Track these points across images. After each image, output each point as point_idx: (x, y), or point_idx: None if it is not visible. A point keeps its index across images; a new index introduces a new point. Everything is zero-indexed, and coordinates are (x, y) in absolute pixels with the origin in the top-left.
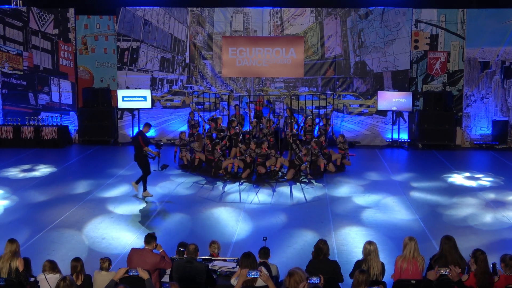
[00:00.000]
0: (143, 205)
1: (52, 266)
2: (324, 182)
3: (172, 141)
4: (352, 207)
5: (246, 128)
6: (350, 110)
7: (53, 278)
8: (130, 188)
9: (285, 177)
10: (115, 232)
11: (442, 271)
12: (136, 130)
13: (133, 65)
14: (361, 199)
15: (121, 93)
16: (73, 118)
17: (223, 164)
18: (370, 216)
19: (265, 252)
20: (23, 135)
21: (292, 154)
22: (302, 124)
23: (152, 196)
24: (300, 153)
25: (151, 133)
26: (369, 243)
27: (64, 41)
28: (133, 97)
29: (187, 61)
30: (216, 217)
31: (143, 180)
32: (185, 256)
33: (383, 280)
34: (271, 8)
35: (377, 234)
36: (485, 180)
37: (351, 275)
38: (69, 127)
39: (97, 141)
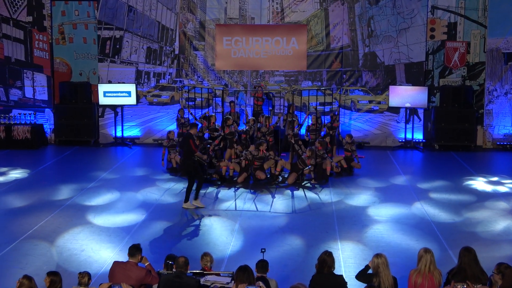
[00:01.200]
0: (127, 214)
1: (29, 284)
2: (330, 187)
3: (159, 141)
4: (360, 215)
5: (242, 127)
6: (358, 107)
7: None
8: (112, 194)
9: (286, 182)
10: (96, 243)
11: (459, 286)
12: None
13: (116, 56)
14: (370, 207)
15: (102, 88)
16: (48, 116)
17: (217, 167)
18: (381, 225)
19: (263, 265)
20: None
21: (294, 156)
22: (308, 123)
23: (194, 207)
24: (304, 155)
25: (135, 132)
26: (378, 256)
27: (38, 29)
28: (116, 93)
29: (177, 52)
30: (209, 226)
31: (187, 190)
32: (174, 270)
33: None
34: None
35: (389, 245)
36: (510, 185)
37: (358, 276)
38: (44, 126)
39: (75, 142)
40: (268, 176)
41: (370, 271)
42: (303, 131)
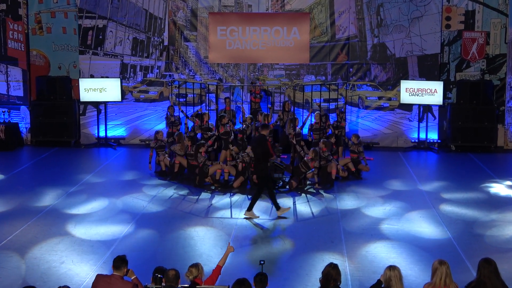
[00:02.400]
0: (111, 222)
1: None
2: (335, 192)
3: (146, 142)
4: (369, 223)
5: (239, 126)
6: (367, 103)
7: None
8: (95, 200)
9: (287, 187)
10: (77, 254)
11: None
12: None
13: (99, 48)
14: (381, 214)
15: (84, 83)
16: (24, 113)
17: (210, 170)
18: (391, 234)
19: (261, 279)
20: None
21: (296, 158)
22: (311, 122)
23: (258, 217)
24: (306, 157)
25: (120, 132)
26: (391, 268)
27: (13, 18)
28: (98, 88)
29: (166, 43)
30: (202, 236)
31: (254, 198)
32: (163, 284)
33: None
34: None
35: (400, 257)
36: None
37: None
38: (20, 125)
39: (54, 143)
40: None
41: (383, 285)
42: (305, 130)
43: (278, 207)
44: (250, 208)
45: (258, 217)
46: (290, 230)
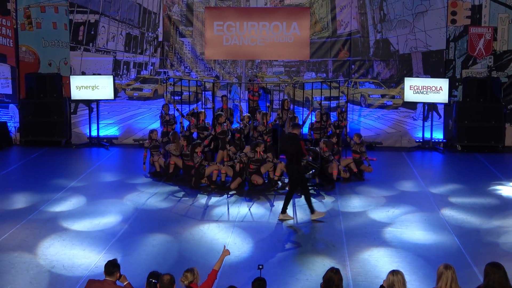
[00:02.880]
0: (103, 225)
1: None
2: (337, 194)
3: (140, 142)
4: (372, 226)
5: (236, 125)
6: (369, 101)
7: None
8: (87, 202)
9: (287, 188)
10: (68, 259)
11: None
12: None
13: (91, 44)
14: (384, 216)
15: (75, 80)
16: (13, 112)
17: (207, 171)
18: (395, 238)
19: (260, 284)
20: None
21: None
22: (311, 121)
23: (292, 218)
24: (308, 158)
25: (112, 131)
26: (394, 273)
27: (1, 13)
28: (90, 86)
29: (160, 39)
30: (198, 239)
31: (286, 199)
32: None
33: None
34: None
35: (404, 261)
36: None
37: None
38: (8, 124)
39: (44, 142)
40: (266, 181)
41: None
42: (305, 129)
43: (313, 211)
44: (283, 211)
45: (292, 218)
46: (289, 233)
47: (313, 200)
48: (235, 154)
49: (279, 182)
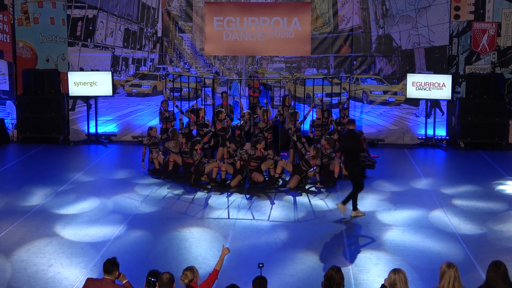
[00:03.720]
0: (102, 223)
1: None
2: (338, 192)
3: (139, 138)
4: (373, 224)
5: (236, 122)
6: (371, 98)
7: None
8: (85, 200)
9: (287, 186)
10: (66, 257)
11: None
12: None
13: (89, 40)
14: (386, 214)
15: (73, 76)
16: (10, 108)
17: (206, 169)
18: (397, 236)
19: (261, 282)
20: None
21: (296, 155)
22: (313, 118)
23: (364, 214)
24: (307, 154)
25: (111, 128)
26: (395, 271)
27: None
28: (88, 82)
29: (159, 34)
30: (197, 237)
31: (354, 197)
32: None
33: None
34: None
35: (406, 259)
36: None
37: None
38: (5, 121)
39: (41, 139)
40: (267, 179)
41: None
42: (306, 126)
43: (355, 208)
44: (355, 207)
45: (364, 214)
46: (290, 231)
47: (314, 198)
48: (235, 151)
49: (279, 180)
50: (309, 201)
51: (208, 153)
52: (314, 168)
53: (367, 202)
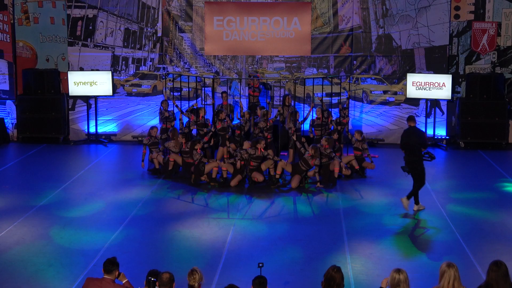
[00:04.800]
0: (101, 222)
1: None
2: (338, 191)
3: (139, 138)
4: (373, 223)
5: (236, 121)
6: (371, 98)
7: None
8: (85, 200)
9: (289, 185)
10: (66, 256)
11: None
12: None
13: (89, 39)
14: (386, 214)
15: (73, 76)
16: (10, 108)
17: (206, 168)
18: (397, 235)
19: (260, 282)
20: None
21: (296, 155)
22: (312, 117)
23: (424, 208)
24: (306, 154)
25: (111, 128)
26: (397, 271)
27: None
28: (89, 82)
29: (159, 34)
30: (198, 237)
31: (415, 192)
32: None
33: None
34: None
35: (406, 259)
36: None
37: None
38: (5, 121)
39: (41, 139)
40: (266, 178)
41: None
42: (306, 126)
43: (417, 202)
44: (416, 202)
45: (424, 207)
46: (290, 231)
47: (314, 197)
48: (235, 151)
49: (279, 180)
50: (309, 200)
51: (208, 153)
52: (313, 168)
53: (366, 201)
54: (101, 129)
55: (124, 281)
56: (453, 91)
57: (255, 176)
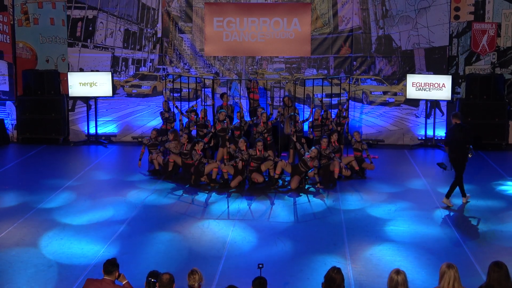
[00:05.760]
0: (101, 224)
1: None
2: (338, 192)
3: (139, 139)
4: (373, 224)
5: (237, 121)
6: (371, 99)
7: None
8: (85, 201)
9: (289, 186)
10: (66, 257)
11: None
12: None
13: (89, 40)
14: (386, 215)
15: (73, 77)
16: (10, 109)
17: (206, 169)
18: (397, 236)
19: (261, 283)
20: None
21: (295, 156)
22: (311, 119)
23: (452, 206)
24: (306, 155)
25: (111, 129)
26: (396, 272)
27: None
28: (89, 82)
29: (159, 35)
30: (197, 238)
31: (454, 187)
32: None
33: None
34: None
35: (406, 260)
36: None
37: None
38: (5, 122)
39: (41, 140)
40: (266, 179)
41: None
42: (306, 127)
43: (464, 194)
44: (464, 194)
45: (452, 206)
46: (290, 232)
47: (314, 198)
48: (235, 152)
49: (279, 180)
50: (309, 201)
51: (208, 153)
52: (312, 169)
53: (367, 202)
54: (101, 130)
55: (124, 282)
56: (453, 92)
57: (255, 177)
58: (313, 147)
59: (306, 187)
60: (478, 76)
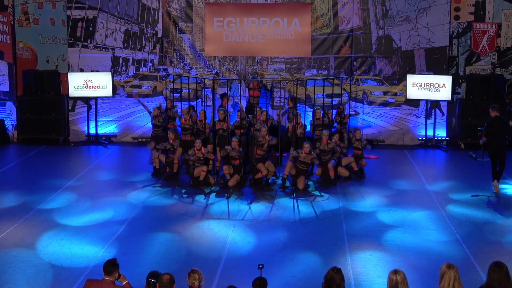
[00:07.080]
0: (102, 224)
1: None
2: (338, 193)
3: (139, 140)
4: (373, 225)
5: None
6: (371, 99)
7: None
8: (86, 201)
9: (294, 187)
10: (66, 258)
11: None
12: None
13: (89, 40)
14: (386, 215)
15: (73, 77)
16: (10, 109)
17: (195, 172)
18: (397, 237)
19: (261, 283)
20: None
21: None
22: (311, 119)
23: (498, 192)
24: (300, 155)
25: (111, 129)
26: (395, 272)
27: None
28: (88, 83)
29: (159, 35)
30: (198, 238)
31: (502, 172)
32: None
33: None
34: None
35: (406, 260)
36: None
37: None
38: (5, 122)
39: (42, 140)
40: (265, 179)
41: None
42: (308, 127)
43: (498, 179)
44: (498, 179)
45: (498, 191)
46: (291, 232)
47: (314, 199)
48: (233, 150)
49: (287, 181)
50: (309, 202)
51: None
52: (315, 169)
53: (367, 203)
54: (101, 130)
55: (124, 283)
56: (453, 92)
57: (260, 168)
58: (304, 143)
59: (307, 188)
60: (478, 77)
